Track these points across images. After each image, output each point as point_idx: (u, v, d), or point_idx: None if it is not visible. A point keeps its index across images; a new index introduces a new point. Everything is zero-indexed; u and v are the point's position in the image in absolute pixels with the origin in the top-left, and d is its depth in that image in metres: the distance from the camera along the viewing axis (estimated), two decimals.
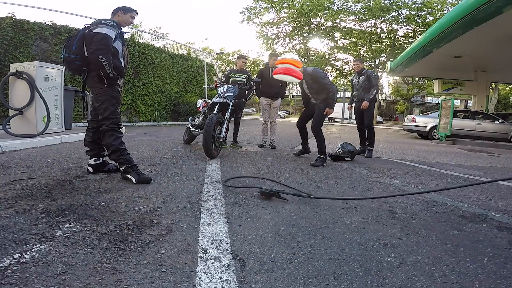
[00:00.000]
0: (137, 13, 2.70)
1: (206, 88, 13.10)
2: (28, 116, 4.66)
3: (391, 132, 15.27)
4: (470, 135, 10.64)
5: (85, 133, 2.74)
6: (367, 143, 5.00)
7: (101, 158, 2.74)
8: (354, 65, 5.16)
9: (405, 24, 22.26)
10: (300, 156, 4.44)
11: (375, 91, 4.84)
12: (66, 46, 2.47)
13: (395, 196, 2.38)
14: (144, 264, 1.21)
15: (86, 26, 2.50)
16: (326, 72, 3.95)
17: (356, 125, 5.35)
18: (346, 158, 4.26)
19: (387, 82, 42.36)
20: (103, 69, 2.37)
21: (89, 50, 2.40)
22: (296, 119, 4.49)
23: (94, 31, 2.39)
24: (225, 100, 4.14)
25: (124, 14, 2.62)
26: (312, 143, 4.22)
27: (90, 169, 2.69)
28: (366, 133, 5.00)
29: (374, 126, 5.10)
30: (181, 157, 3.77)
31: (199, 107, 4.89)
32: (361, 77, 4.97)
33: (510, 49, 9.63)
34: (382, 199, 2.37)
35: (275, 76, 3.86)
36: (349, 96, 5.50)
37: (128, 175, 2.49)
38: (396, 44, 23.48)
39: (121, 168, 2.53)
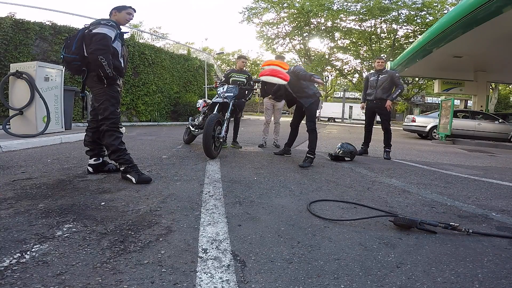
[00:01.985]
0: (133, 9, 2.67)
1: (206, 88, 13.09)
2: (28, 116, 4.66)
3: None
4: (470, 135, 10.64)
5: (85, 133, 2.74)
6: (384, 145, 4.91)
7: (101, 158, 2.74)
8: (378, 63, 4.98)
9: (405, 24, 22.29)
10: (284, 155, 4.41)
11: (399, 90, 4.77)
12: (66, 46, 2.46)
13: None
14: (144, 264, 1.21)
15: (86, 26, 2.50)
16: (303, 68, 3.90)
17: (364, 125, 5.23)
18: (346, 158, 4.26)
19: None
20: (102, 69, 2.36)
21: (89, 50, 2.39)
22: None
23: (94, 31, 2.38)
24: (225, 100, 4.14)
25: (119, 12, 2.60)
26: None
27: (90, 169, 2.69)
28: (384, 135, 4.88)
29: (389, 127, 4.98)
30: (181, 157, 3.77)
31: (199, 107, 4.90)
32: (381, 76, 4.80)
33: (510, 49, 9.63)
34: (382, 199, 2.37)
35: (262, 78, 3.83)
36: (362, 96, 5.32)
37: (128, 175, 2.48)
38: (396, 44, 23.51)
39: (121, 168, 2.53)
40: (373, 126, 5.14)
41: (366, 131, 5.12)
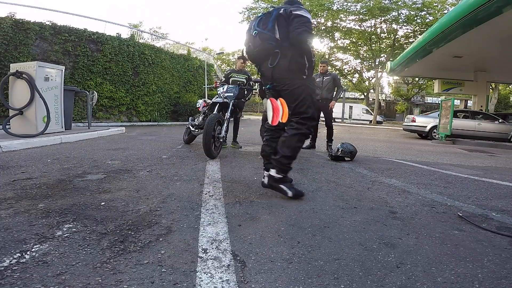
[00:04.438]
0: None
1: (206, 88, 13.09)
2: (28, 116, 4.66)
3: (391, 132, 15.27)
4: (470, 135, 10.65)
5: (264, 142, 2.43)
6: (326, 140, 5.37)
7: None
8: (321, 67, 5.41)
9: (405, 24, 22.26)
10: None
11: (341, 91, 5.46)
12: (261, 21, 2.15)
13: None
14: (144, 264, 1.21)
15: (277, 7, 2.20)
16: None
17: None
18: (346, 158, 4.26)
19: (387, 82, 42.47)
20: (309, 55, 2.05)
21: (294, 30, 2.05)
22: None
23: (296, 12, 2.08)
24: (225, 100, 4.14)
25: None
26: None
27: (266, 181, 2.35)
28: (327, 131, 5.39)
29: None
30: (181, 157, 3.77)
31: (199, 107, 4.91)
32: (325, 78, 5.28)
33: (510, 49, 9.64)
34: (382, 199, 2.37)
35: (268, 101, 3.88)
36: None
37: (282, 186, 2.18)
38: (396, 44, 23.49)
39: (278, 176, 2.16)
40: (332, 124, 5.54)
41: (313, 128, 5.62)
